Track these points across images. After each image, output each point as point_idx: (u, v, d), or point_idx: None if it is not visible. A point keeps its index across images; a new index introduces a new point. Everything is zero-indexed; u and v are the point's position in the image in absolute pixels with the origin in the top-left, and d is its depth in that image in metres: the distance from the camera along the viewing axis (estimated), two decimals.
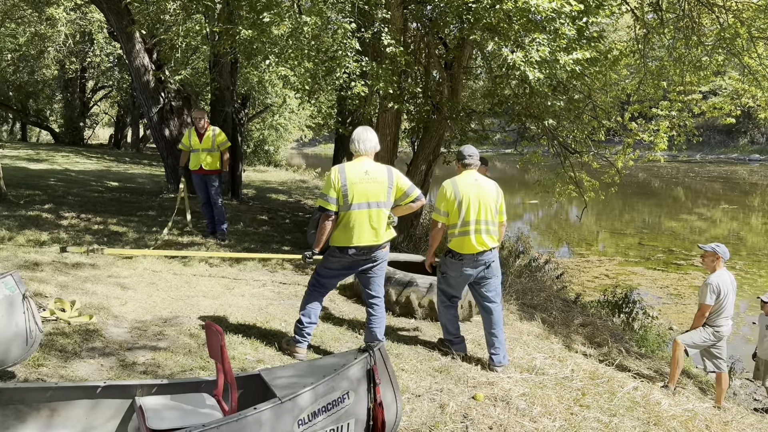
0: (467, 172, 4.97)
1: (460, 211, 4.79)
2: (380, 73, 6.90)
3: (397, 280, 5.98)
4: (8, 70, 23.64)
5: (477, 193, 4.84)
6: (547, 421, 4.04)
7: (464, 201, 4.80)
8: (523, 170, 18.76)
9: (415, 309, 5.95)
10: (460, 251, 4.84)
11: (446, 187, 4.89)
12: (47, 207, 9.38)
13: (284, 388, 2.95)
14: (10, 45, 21.90)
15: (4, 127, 29.97)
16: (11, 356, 3.48)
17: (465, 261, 4.84)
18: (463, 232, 4.81)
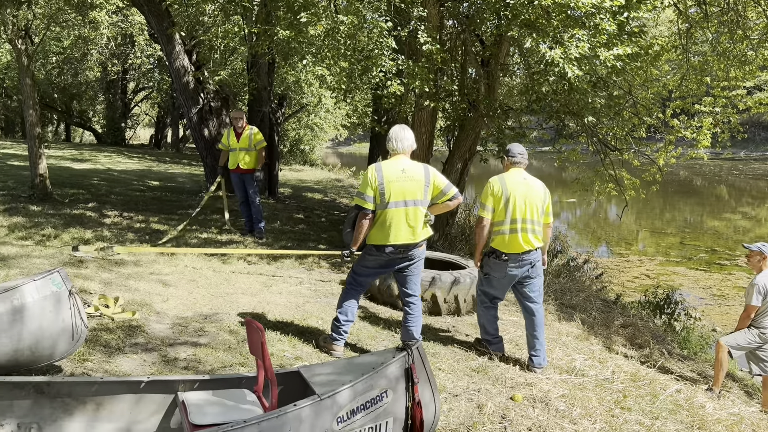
0: (515, 170, 4.90)
1: (507, 208, 4.71)
2: (416, 71, 6.88)
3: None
4: (53, 73, 24.34)
5: (525, 191, 4.77)
6: (587, 423, 3.98)
7: (512, 199, 4.71)
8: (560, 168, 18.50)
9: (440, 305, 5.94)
10: (505, 250, 4.74)
11: (494, 183, 4.81)
12: (91, 206, 9.63)
13: (323, 386, 2.97)
14: (55, 48, 22.55)
15: (49, 128, 30.85)
16: (58, 351, 3.59)
17: (510, 260, 4.76)
18: (510, 230, 4.73)
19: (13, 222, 7.83)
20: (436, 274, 5.93)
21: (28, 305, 3.41)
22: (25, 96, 9.57)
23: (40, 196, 9.56)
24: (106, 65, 23.59)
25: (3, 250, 6.50)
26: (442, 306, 5.95)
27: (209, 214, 9.76)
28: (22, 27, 9.40)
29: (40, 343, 3.48)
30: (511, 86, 12.09)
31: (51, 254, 6.54)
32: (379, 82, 7.44)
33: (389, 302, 6.08)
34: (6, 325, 3.37)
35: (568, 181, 17.49)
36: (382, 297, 6.14)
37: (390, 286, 6.03)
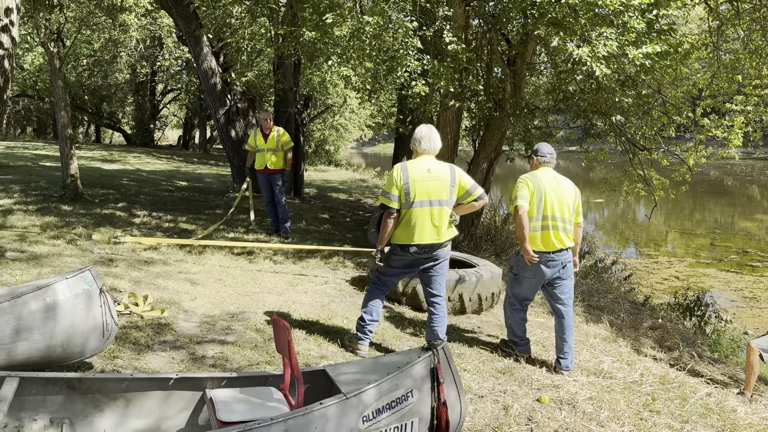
0: (545, 169, 4.85)
1: (539, 205, 4.65)
2: (441, 71, 6.87)
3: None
4: (84, 75, 24.84)
5: (556, 189, 4.73)
6: (616, 426, 3.93)
7: (544, 195, 4.66)
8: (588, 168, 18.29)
9: (421, 301, 5.90)
10: (537, 248, 4.66)
11: (527, 179, 4.74)
12: (121, 205, 9.80)
13: (348, 384, 2.98)
14: (85, 51, 23.02)
15: (80, 130, 31.46)
16: (89, 348, 3.65)
17: (541, 259, 4.68)
18: (542, 226, 4.67)
19: (46, 221, 8.00)
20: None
21: (60, 303, 3.48)
22: (57, 98, 9.77)
23: (71, 196, 9.75)
24: (135, 67, 24.00)
25: (35, 249, 6.64)
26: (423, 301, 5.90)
27: (236, 214, 9.86)
28: (55, 30, 9.61)
29: (72, 340, 3.55)
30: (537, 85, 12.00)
31: (82, 253, 6.66)
32: (404, 83, 7.45)
33: (393, 299, 6.07)
34: (39, 322, 3.44)
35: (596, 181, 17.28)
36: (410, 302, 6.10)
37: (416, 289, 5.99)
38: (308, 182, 16.01)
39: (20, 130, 30.59)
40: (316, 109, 20.47)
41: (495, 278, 6.11)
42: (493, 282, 6.08)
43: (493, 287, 6.09)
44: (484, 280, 5.94)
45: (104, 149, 22.35)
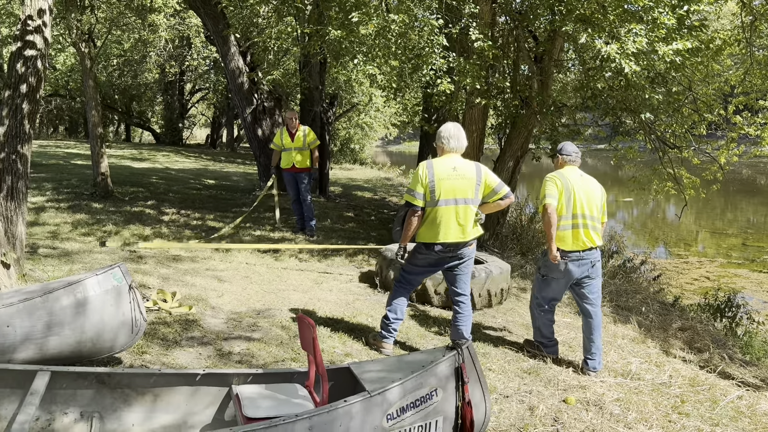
0: (570, 168, 4.80)
1: (568, 204, 4.61)
2: (467, 68, 6.83)
3: None
4: (114, 75, 25.26)
5: (584, 187, 4.69)
6: (643, 428, 3.87)
7: (573, 194, 4.62)
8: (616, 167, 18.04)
9: (431, 296, 6.00)
10: (566, 247, 4.61)
11: (555, 177, 4.69)
12: (150, 203, 9.95)
13: (373, 382, 2.99)
14: (115, 51, 23.40)
15: (111, 129, 32.00)
16: (119, 343, 3.72)
17: (571, 258, 4.63)
18: (572, 225, 4.62)
19: (77, 219, 8.16)
20: None
21: (91, 299, 3.55)
22: (88, 97, 9.95)
23: (101, 193, 9.93)
24: (164, 67, 24.34)
25: (67, 246, 6.78)
26: (432, 296, 5.98)
27: (262, 212, 9.94)
28: (86, 31, 9.78)
29: (102, 336, 3.61)
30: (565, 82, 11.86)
31: (112, 250, 6.79)
32: (429, 81, 7.42)
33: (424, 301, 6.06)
34: (70, 317, 3.51)
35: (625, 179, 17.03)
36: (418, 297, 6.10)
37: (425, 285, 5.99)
38: (333, 180, 16.06)
39: (52, 129, 31.24)
40: (342, 108, 20.53)
41: (504, 274, 6.17)
42: (503, 278, 6.14)
43: (503, 283, 6.16)
44: (493, 276, 6.00)
45: (134, 148, 22.70)
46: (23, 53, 5.24)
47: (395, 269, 6.19)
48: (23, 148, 5.35)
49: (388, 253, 6.42)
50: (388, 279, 6.27)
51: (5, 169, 5.28)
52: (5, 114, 5.27)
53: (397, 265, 6.09)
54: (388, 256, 6.34)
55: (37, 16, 5.31)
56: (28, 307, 3.41)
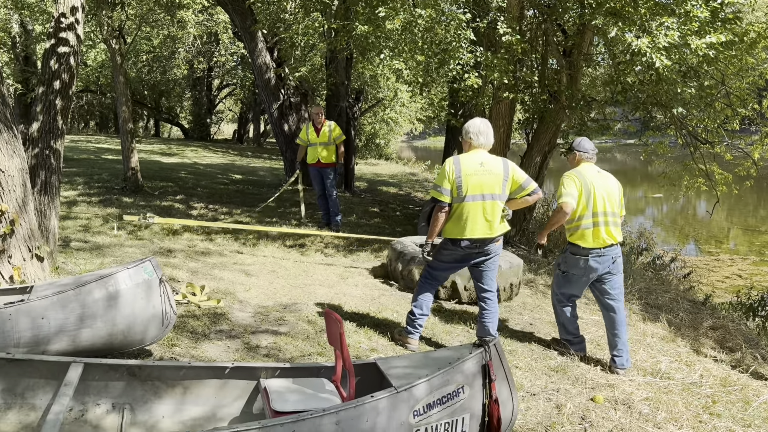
0: (587, 165, 4.76)
1: (588, 202, 4.58)
2: (495, 62, 6.78)
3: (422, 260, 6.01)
4: (143, 71, 25.60)
5: (603, 184, 4.66)
6: (673, 428, 3.81)
7: (592, 191, 4.59)
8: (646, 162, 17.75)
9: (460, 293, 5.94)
10: (587, 245, 4.58)
11: (573, 176, 4.66)
12: (179, 198, 10.08)
13: (399, 378, 2.99)
14: (145, 47, 23.72)
15: (140, 124, 32.46)
16: (149, 336, 3.78)
17: (592, 255, 4.60)
18: (593, 223, 4.59)
19: (108, 212, 8.31)
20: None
21: (122, 292, 3.62)
22: (118, 93, 10.12)
23: (132, 188, 10.09)
24: (192, 63, 24.59)
25: (98, 239, 6.91)
26: (462, 293, 5.94)
27: (288, 206, 10.01)
28: (116, 27, 9.93)
29: (133, 328, 3.68)
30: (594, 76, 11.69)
31: (142, 244, 6.89)
32: (456, 75, 7.38)
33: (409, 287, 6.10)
34: (101, 310, 3.58)
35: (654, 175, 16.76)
36: (404, 281, 6.24)
37: (411, 272, 6.09)
38: (359, 176, 16.07)
39: (83, 124, 31.81)
40: (367, 103, 20.54)
41: (514, 268, 6.15)
42: (512, 272, 6.12)
43: (512, 277, 6.13)
44: (502, 270, 5.96)
45: (163, 143, 23.01)
46: (56, 50, 5.34)
47: (403, 262, 6.21)
48: (56, 143, 5.46)
49: (397, 245, 6.43)
50: (396, 271, 6.30)
51: (39, 164, 5.39)
52: (39, 110, 5.38)
53: (407, 258, 6.09)
54: (398, 249, 6.36)
55: (69, 14, 5.41)
56: (62, 300, 3.49)
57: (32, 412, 2.95)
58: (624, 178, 25.62)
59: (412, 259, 6.12)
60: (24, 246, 4.76)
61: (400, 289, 6.19)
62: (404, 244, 6.43)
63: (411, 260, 6.12)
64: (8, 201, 4.59)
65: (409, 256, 6.17)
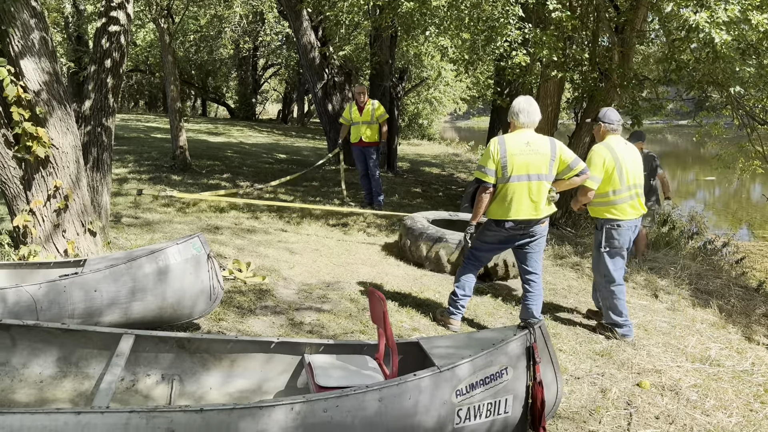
0: (614, 137, 4.77)
1: (621, 176, 4.63)
2: (544, 40, 6.61)
3: (429, 235, 6.10)
4: (191, 50, 25.98)
5: (631, 157, 4.74)
6: (722, 415, 3.71)
7: (624, 166, 4.64)
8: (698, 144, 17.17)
9: (444, 266, 6.03)
10: (626, 217, 4.67)
11: (603, 153, 4.63)
12: (225, 176, 10.24)
13: (442, 358, 2.99)
14: (192, 27, 24.02)
15: (187, 103, 33.03)
16: (197, 310, 3.87)
17: (630, 227, 4.70)
18: (629, 196, 4.68)
19: (157, 190, 8.50)
20: (443, 233, 6.02)
21: (172, 267, 3.71)
22: (167, 72, 10.29)
23: (180, 166, 10.30)
24: (238, 43, 24.81)
25: (148, 216, 7.09)
26: (445, 266, 6.00)
27: (331, 186, 10.06)
28: (165, 7, 10.07)
29: (182, 302, 3.77)
30: (647, 54, 11.31)
31: (190, 221, 7.04)
32: (503, 53, 7.24)
33: (418, 263, 6.20)
34: (152, 284, 3.68)
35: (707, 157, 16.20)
36: (412, 257, 6.26)
37: (419, 247, 6.12)
38: (401, 156, 16.03)
39: (133, 104, 32.57)
40: (411, 83, 20.38)
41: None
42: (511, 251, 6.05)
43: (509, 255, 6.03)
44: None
45: (210, 122, 23.38)
46: (107, 29, 5.44)
47: (412, 237, 6.23)
48: (107, 121, 5.59)
49: (408, 221, 6.48)
50: (405, 247, 6.34)
51: (91, 142, 5.54)
52: (91, 88, 5.52)
53: (416, 233, 6.18)
54: (407, 224, 6.39)
55: None
56: (114, 273, 3.60)
57: (86, 380, 3.06)
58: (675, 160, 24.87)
59: (420, 234, 6.15)
60: (77, 221, 4.92)
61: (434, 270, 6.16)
62: (414, 220, 6.47)
63: (419, 236, 6.14)
64: (62, 177, 4.75)
65: (417, 232, 6.19)
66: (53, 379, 3.03)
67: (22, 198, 4.70)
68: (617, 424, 3.48)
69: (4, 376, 2.98)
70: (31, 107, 4.50)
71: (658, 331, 5.01)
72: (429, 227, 6.20)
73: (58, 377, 3.04)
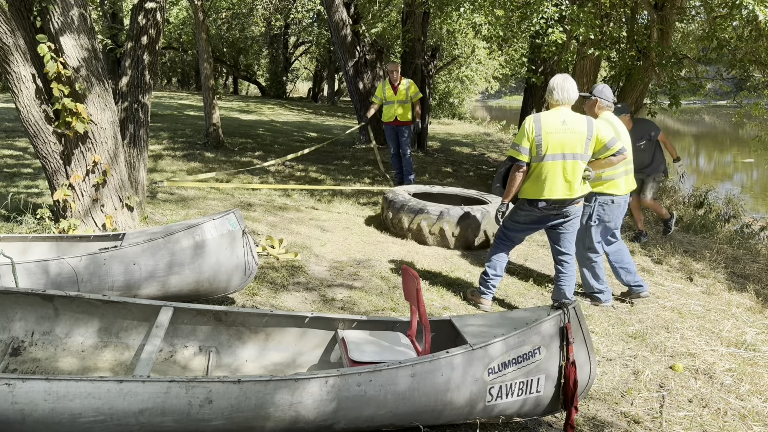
0: (609, 113, 4.86)
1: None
2: (581, 17, 6.48)
3: (410, 207, 6.17)
4: (223, 28, 26.09)
5: (626, 133, 4.82)
6: (757, 400, 3.66)
7: (623, 141, 4.68)
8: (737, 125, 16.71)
9: (426, 237, 6.12)
10: (619, 192, 4.80)
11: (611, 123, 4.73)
12: (257, 154, 10.33)
13: (474, 336, 3.00)
14: (224, 4, 24.10)
15: (220, 81, 33.27)
16: (233, 284, 3.94)
17: (619, 202, 4.81)
18: (625, 171, 4.82)
19: (191, 167, 8.62)
20: (445, 208, 6.06)
21: (208, 241, 3.77)
22: (200, 50, 10.35)
23: (213, 143, 10.41)
24: (269, 20, 24.81)
25: (183, 192, 7.20)
26: (450, 240, 6.06)
27: (362, 165, 10.06)
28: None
29: (217, 276, 3.84)
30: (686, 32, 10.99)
31: (224, 197, 7.13)
32: (539, 30, 7.11)
33: (400, 234, 6.28)
34: (189, 258, 3.75)
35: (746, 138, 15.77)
36: (394, 229, 6.35)
37: (401, 219, 6.18)
38: (432, 135, 15.94)
39: (166, 81, 32.90)
40: (443, 61, 20.16)
41: (489, 218, 6.20)
42: (487, 221, 6.18)
43: (487, 226, 6.19)
44: (490, 216, 6.06)
45: (241, 100, 23.53)
46: (144, 5, 5.49)
47: (393, 210, 6.30)
48: (144, 97, 5.67)
49: (389, 194, 6.54)
50: (387, 220, 6.41)
51: (128, 118, 5.63)
52: (128, 65, 5.59)
53: (396, 206, 6.26)
54: (389, 197, 6.46)
55: None
56: (152, 247, 3.67)
57: (126, 351, 3.15)
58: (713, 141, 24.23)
59: (401, 207, 6.22)
60: (115, 196, 5.03)
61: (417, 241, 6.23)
62: (396, 193, 6.54)
63: (400, 208, 6.22)
64: (101, 152, 4.84)
65: (398, 205, 6.27)
66: (94, 348, 3.12)
67: (62, 173, 4.81)
68: (649, 407, 3.46)
69: (48, 345, 3.08)
70: (71, 83, 4.58)
71: (692, 315, 4.94)
72: (410, 200, 6.31)
73: (99, 347, 3.13)
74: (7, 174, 7.42)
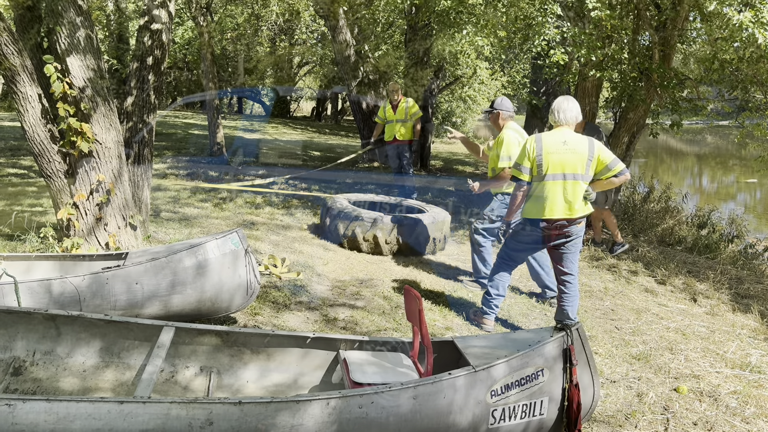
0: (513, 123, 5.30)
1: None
2: (583, 39, 6.53)
3: (346, 214, 6.30)
4: (227, 48, 26.29)
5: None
6: (763, 423, 3.63)
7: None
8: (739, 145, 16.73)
9: (360, 243, 6.26)
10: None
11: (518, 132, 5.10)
12: (261, 173, 10.36)
13: (477, 357, 2.98)
14: (230, 24, 24.33)
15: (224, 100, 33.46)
16: (234, 303, 3.93)
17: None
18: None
19: (195, 185, 8.64)
20: (378, 216, 6.22)
21: (210, 261, 3.77)
22: (205, 70, 10.45)
23: (217, 162, 10.46)
24: (274, 40, 25.03)
25: (186, 211, 7.21)
26: (383, 247, 6.22)
27: (364, 184, 10.07)
28: (204, 5, 10.23)
29: (219, 296, 3.83)
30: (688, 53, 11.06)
31: (227, 216, 7.15)
32: (540, 51, 7.17)
33: (354, 248, 6.33)
34: (191, 277, 3.75)
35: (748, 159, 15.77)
36: (331, 236, 6.46)
37: (337, 226, 6.31)
38: (434, 154, 15.98)
39: (171, 100, 33.09)
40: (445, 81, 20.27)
41: (437, 223, 6.43)
42: (436, 227, 6.41)
43: (436, 232, 6.43)
44: (426, 225, 6.31)
45: (245, 119, 23.67)
46: (149, 27, 5.55)
47: (331, 217, 6.41)
48: (149, 117, 5.71)
49: (328, 201, 6.66)
50: (325, 227, 6.54)
51: (132, 137, 5.67)
52: (133, 85, 5.64)
53: (334, 213, 6.39)
54: (327, 204, 6.58)
55: None
56: (155, 267, 3.68)
57: (127, 371, 3.14)
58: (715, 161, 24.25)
59: (338, 214, 6.33)
60: (119, 215, 5.05)
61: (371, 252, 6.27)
62: (335, 201, 6.65)
63: (337, 215, 6.33)
64: (105, 171, 4.87)
65: (336, 211, 6.38)
66: (96, 368, 3.11)
67: (66, 191, 4.83)
68: (654, 430, 3.43)
69: (49, 364, 3.07)
70: (77, 103, 4.62)
71: (696, 336, 4.91)
72: (347, 207, 6.43)
73: (100, 367, 3.12)
74: (12, 192, 7.45)
